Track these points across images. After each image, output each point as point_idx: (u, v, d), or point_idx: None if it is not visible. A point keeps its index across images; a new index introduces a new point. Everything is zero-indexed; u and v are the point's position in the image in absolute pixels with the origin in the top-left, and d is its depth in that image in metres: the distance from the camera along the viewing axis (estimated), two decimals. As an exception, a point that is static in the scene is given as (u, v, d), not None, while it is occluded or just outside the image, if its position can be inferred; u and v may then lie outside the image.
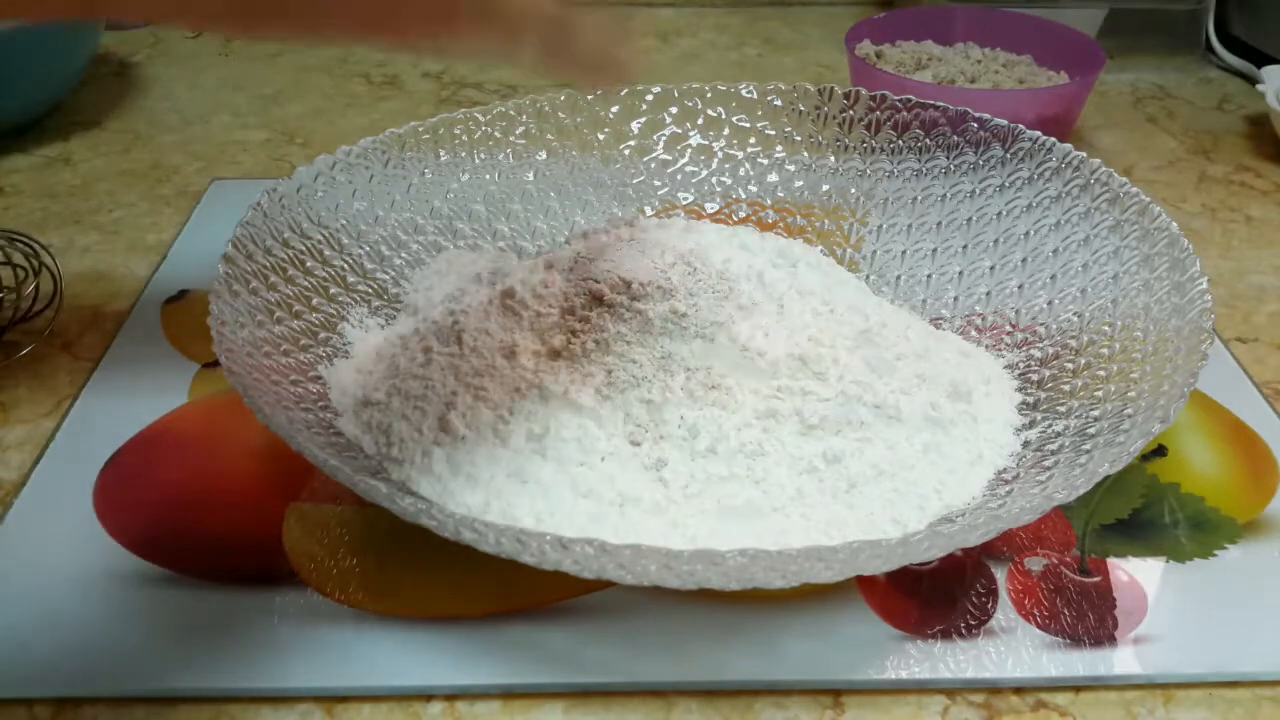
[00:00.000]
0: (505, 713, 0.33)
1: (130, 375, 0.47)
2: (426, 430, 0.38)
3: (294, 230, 0.44)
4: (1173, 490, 0.41)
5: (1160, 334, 0.39)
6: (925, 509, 0.37)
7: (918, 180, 0.51)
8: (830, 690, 0.34)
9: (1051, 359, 0.43)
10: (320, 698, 0.34)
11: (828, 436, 0.38)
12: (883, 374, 0.40)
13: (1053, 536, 0.39)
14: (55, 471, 0.42)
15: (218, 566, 0.37)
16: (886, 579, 0.37)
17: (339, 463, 0.32)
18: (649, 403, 0.38)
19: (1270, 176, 0.66)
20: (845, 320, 0.42)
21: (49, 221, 0.59)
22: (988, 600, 0.37)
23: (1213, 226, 0.61)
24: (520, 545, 0.29)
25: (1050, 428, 0.40)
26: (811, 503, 0.36)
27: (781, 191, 0.54)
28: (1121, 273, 0.43)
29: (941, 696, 0.34)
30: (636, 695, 0.34)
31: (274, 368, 0.38)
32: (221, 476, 0.41)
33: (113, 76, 0.78)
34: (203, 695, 0.33)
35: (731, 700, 0.34)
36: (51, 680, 0.34)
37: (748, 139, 0.54)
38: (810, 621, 0.36)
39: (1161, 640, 0.35)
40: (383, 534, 0.38)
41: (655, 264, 0.41)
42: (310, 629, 0.35)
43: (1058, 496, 0.31)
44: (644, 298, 0.40)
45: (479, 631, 0.35)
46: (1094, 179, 0.46)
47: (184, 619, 0.36)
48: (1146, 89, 0.79)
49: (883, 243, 0.51)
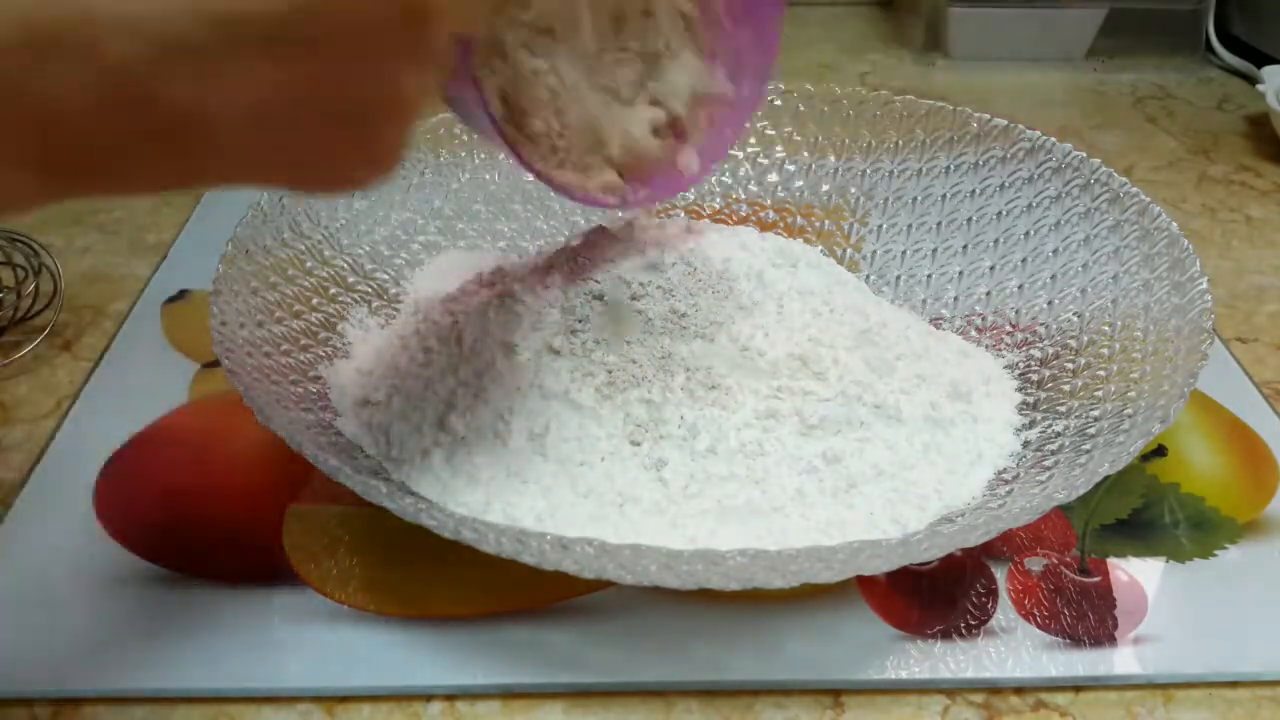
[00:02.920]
0: (505, 713, 0.33)
1: (130, 375, 0.47)
2: (426, 430, 0.38)
3: (294, 230, 0.44)
4: (1173, 490, 0.41)
5: (1160, 334, 0.39)
6: (925, 509, 0.37)
7: (918, 180, 0.51)
8: (830, 690, 0.34)
9: (1051, 359, 0.43)
10: (320, 698, 0.34)
11: (828, 436, 0.38)
12: (883, 374, 0.40)
13: (1053, 536, 0.39)
14: (55, 471, 0.42)
15: (218, 566, 0.37)
16: (886, 579, 0.37)
17: (339, 463, 0.32)
18: (649, 402, 0.38)
19: (1270, 176, 0.66)
20: (845, 320, 0.42)
21: (49, 221, 0.59)
22: (988, 600, 0.37)
23: (1213, 226, 0.61)
24: (520, 545, 0.29)
25: (1050, 428, 0.40)
26: (811, 503, 0.36)
27: (781, 191, 0.54)
28: (1121, 273, 0.43)
29: (941, 696, 0.34)
30: (636, 695, 0.34)
31: (274, 368, 0.38)
32: (221, 476, 0.41)
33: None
34: (203, 695, 0.33)
35: (731, 700, 0.34)
36: (51, 680, 0.34)
37: (748, 139, 0.54)
38: (810, 621, 0.36)
39: (1161, 640, 0.35)
40: (383, 534, 0.38)
41: (655, 264, 0.41)
42: (310, 629, 0.35)
43: (1058, 496, 0.31)
44: (644, 297, 0.40)
45: (479, 631, 0.35)
46: (1094, 179, 0.46)
47: (184, 619, 0.36)
48: (1146, 89, 0.79)
49: (883, 243, 0.51)
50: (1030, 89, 0.79)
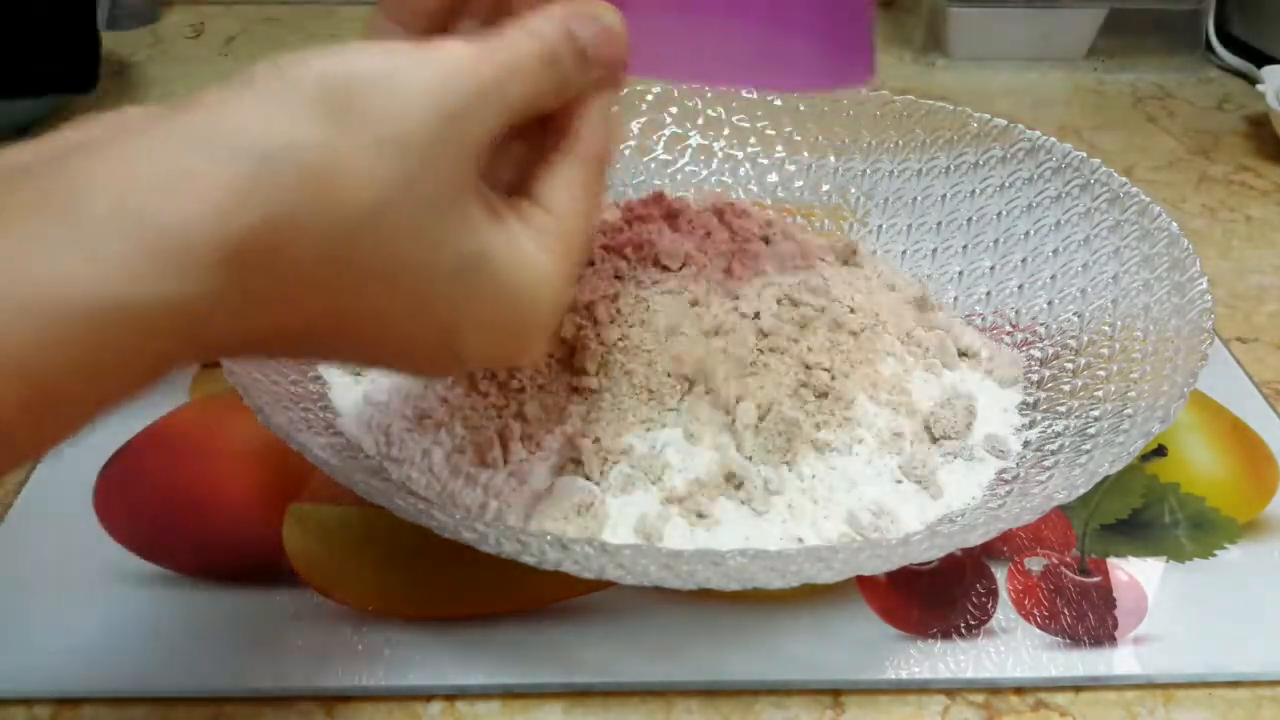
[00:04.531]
0: (505, 713, 0.33)
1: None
2: (427, 430, 0.38)
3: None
4: (1173, 490, 0.41)
5: (1160, 334, 0.39)
6: (925, 509, 0.37)
7: (918, 180, 0.51)
8: (830, 690, 0.34)
9: (1051, 359, 0.43)
10: (320, 698, 0.34)
11: (827, 435, 0.38)
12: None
13: (1053, 536, 0.39)
14: (55, 471, 0.42)
15: (218, 566, 0.37)
16: (886, 579, 0.37)
17: (339, 463, 0.32)
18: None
19: (1270, 176, 0.66)
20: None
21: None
22: (988, 600, 0.37)
23: (1213, 226, 0.61)
24: (520, 545, 0.29)
25: (1050, 428, 0.40)
26: (810, 501, 0.36)
27: (781, 191, 0.54)
28: (1121, 273, 0.43)
29: (941, 696, 0.34)
30: (636, 695, 0.34)
31: (274, 368, 0.38)
32: (221, 476, 0.41)
33: (113, 76, 0.78)
34: (203, 695, 0.33)
35: (731, 700, 0.34)
36: (51, 680, 0.34)
37: (748, 139, 0.54)
38: (810, 621, 0.36)
39: (1161, 640, 0.35)
40: (383, 534, 0.38)
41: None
42: (310, 629, 0.35)
43: (1058, 496, 0.31)
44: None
45: (479, 631, 0.35)
46: (1094, 179, 0.46)
47: (184, 619, 0.36)
48: (1146, 89, 0.79)
49: (883, 243, 0.51)
50: (1030, 89, 0.79)
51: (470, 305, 0.25)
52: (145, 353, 0.21)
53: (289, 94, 0.22)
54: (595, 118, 0.28)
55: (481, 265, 0.25)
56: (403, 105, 0.23)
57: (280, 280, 0.22)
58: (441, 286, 0.24)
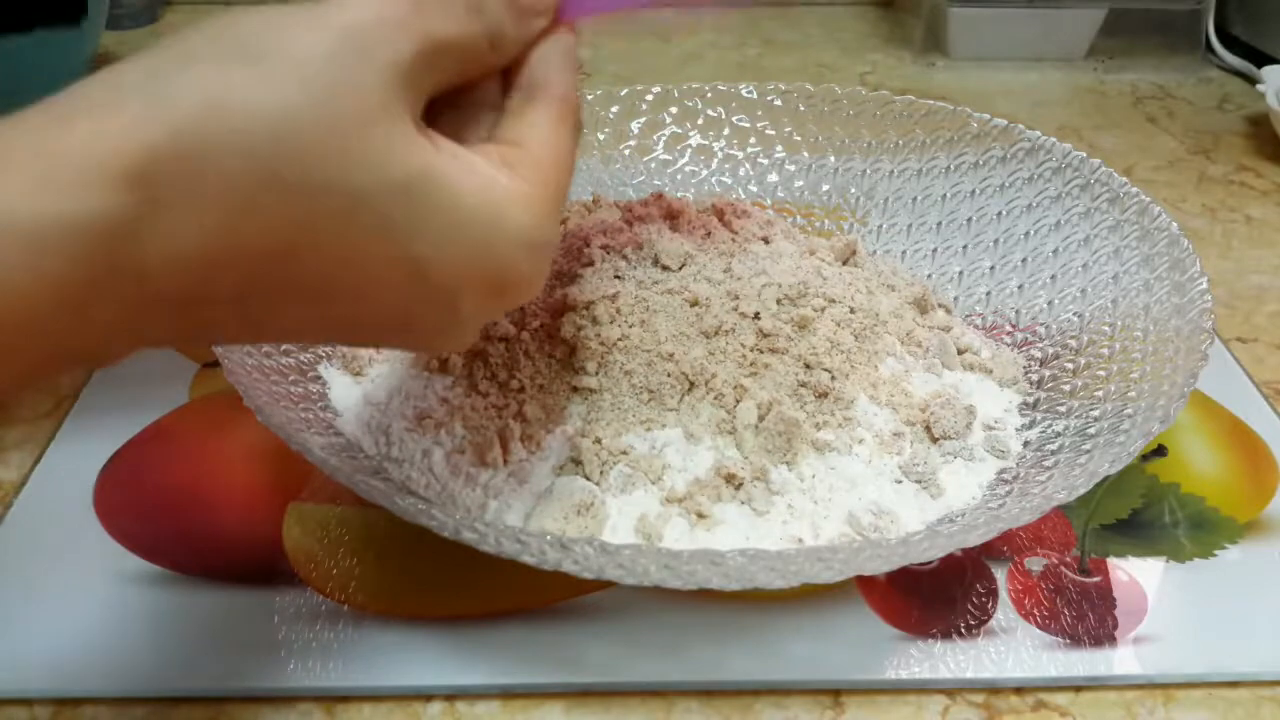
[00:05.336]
0: (505, 713, 0.33)
1: (130, 375, 0.47)
2: (427, 430, 0.38)
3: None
4: (1173, 490, 0.41)
5: (1160, 334, 0.39)
6: (925, 509, 0.37)
7: (918, 180, 0.51)
8: (830, 690, 0.34)
9: (1051, 359, 0.43)
10: (320, 698, 0.34)
11: (827, 435, 0.38)
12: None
13: (1053, 536, 0.39)
14: (55, 471, 0.42)
15: (218, 566, 0.37)
16: (886, 579, 0.37)
17: (339, 463, 0.32)
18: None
19: (1270, 176, 0.66)
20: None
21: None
22: (988, 600, 0.37)
23: (1213, 226, 0.61)
24: (520, 545, 0.29)
25: (1050, 428, 0.40)
26: (810, 501, 0.36)
27: (781, 191, 0.54)
28: (1121, 273, 0.43)
29: (941, 696, 0.34)
30: (636, 695, 0.34)
31: (274, 368, 0.38)
32: (221, 476, 0.41)
33: (113, 76, 0.78)
34: (203, 695, 0.33)
35: (731, 700, 0.34)
36: (51, 680, 0.34)
37: (748, 139, 0.54)
38: (810, 621, 0.36)
39: (1161, 640, 0.35)
40: (383, 534, 0.38)
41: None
42: (310, 629, 0.35)
43: (1058, 496, 0.31)
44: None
45: (479, 631, 0.35)
46: (1094, 179, 0.46)
47: (184, 619, 0.36)
48: (1146, 89, 0.79)
49: (883, 243, 0.51)
50: (1030, 89, 0.79)
51: (432, 232, 0.25)
52: (43, 271, 0.21)
53: (194, 43, 0.23)
54: (553, 62, 0.28)
55: (428, 184, 0.24)
56: (294, 36, 0.24)
57: (200, 195, 0.22)
58: (391, 210, 0.24)
